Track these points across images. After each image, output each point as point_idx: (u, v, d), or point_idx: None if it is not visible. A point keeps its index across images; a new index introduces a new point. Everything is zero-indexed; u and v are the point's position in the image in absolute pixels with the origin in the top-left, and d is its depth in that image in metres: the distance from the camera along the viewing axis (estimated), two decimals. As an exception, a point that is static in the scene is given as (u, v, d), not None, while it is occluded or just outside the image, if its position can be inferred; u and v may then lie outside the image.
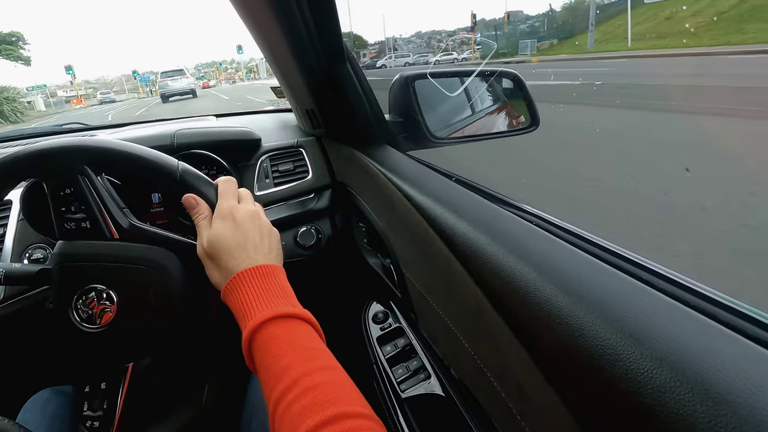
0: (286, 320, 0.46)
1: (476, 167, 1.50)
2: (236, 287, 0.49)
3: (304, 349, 0.44)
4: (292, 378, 0.40)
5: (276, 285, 0.50)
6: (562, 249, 0.43)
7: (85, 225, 0.60)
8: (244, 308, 0.47)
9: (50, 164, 0.56)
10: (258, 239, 0.54)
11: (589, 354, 0.31)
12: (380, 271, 0.86)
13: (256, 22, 0.72)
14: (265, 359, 0.43)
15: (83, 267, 0.56)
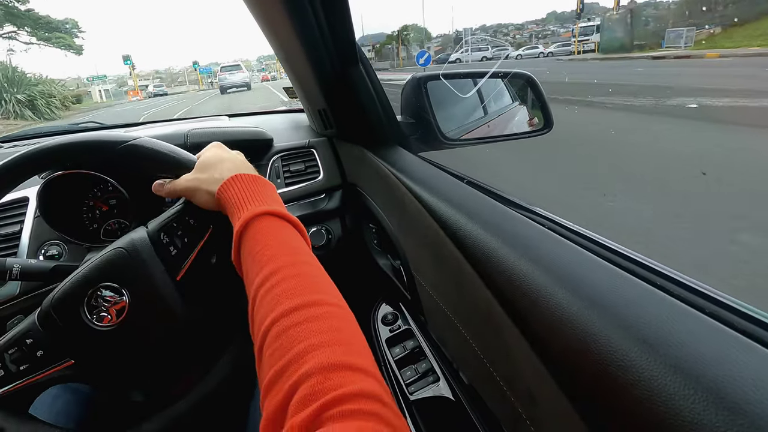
0: (278, 219, 0.48)
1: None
2: (233, 185, 0.51)
3: (290, 245, 0.45)
4: (276, 265, 0.41)
5: (271, 191, 0.52)
6: (574, 252, 0.42)
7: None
8: (240, 202, 0.49)
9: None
10: (247, 164, 0.57)
11: (601, 359, 0.30)
12: (390, 273, 0.86)
13: (270, 23, 0.72)
14: (254, 248, 0.44)
15: (95, 266, 0.57)
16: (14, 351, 0.54)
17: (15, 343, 0.54)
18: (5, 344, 0.55)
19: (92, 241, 0.87)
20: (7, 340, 0.55)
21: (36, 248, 0.85)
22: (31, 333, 0.55)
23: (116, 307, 0.55)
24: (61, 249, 0.86)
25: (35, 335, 0.55)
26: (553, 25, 61.31)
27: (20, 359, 0.54)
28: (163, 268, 0.57)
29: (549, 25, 61.41)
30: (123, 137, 0.57)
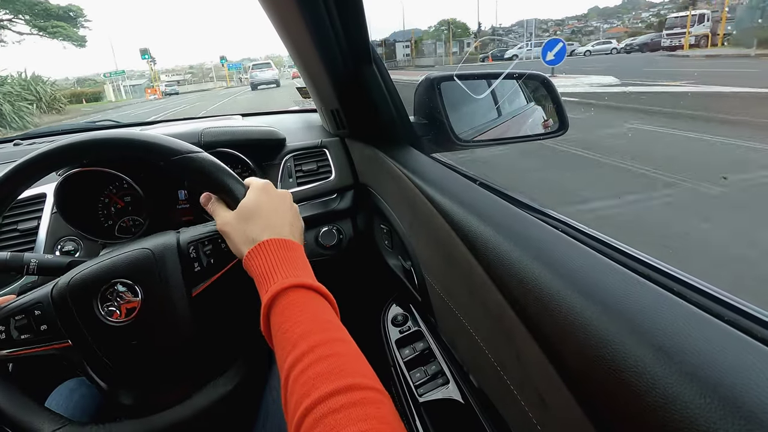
0: (307, 291, 0.47)
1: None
2: (261, 253, 0.50)
3: (322, 320, 0.44)
4: (309, 345, 0.41)
5: (300, 258, 0.51)
6: (588, 256, 0.42)
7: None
8: (268, 273, 0.48)
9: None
10: (289, 216, 0.56)
11: (615, 365, 0.30)
12: (400, 274, 0.85)
13: (284, 22, 0.73)
14: (284, 324, 0.44)
15: (108, 263, 0.58)
16: (21, 318, 0.55)
17: (24, 311, 0.56)
18: (16, 308, 0.56)
19: (107, 238, 0.89)
20: (18, 304, 0.56)
21: (53, 243, 0.87)
22: (40, 305, 0.56)
23: (128, 306, 0.56)
24: (76, 245, 0.88)
25: (44, 308, 0.56)
26: (596, 21, 58.94)
27: (24, 328, 0.55)
28: (182, 280, 0.58)
29: (591, 21, 59.23)
30: (183, 147, 0.57)
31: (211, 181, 0.56)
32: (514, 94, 1.22)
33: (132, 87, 36.12)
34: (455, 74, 0.91)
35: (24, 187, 0.56)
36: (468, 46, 29.69)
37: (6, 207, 0.56)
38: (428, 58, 37.35)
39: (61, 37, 22.50)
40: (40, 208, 0.89)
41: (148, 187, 0.89)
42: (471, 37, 43.86)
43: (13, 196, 0.56)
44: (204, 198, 0.59)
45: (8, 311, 0.55)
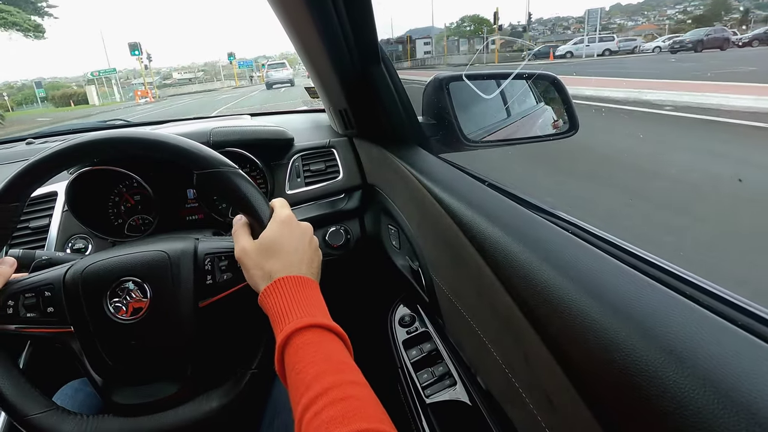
0: (322, 331, 0.47)
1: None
2: (278, 291, 0.50)
3: (336, 361, 0.44)
4: (323, 387, 0.41)
5: (315, 297, 0.51)
6: (597, 258, 0.41)
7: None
8: (283, 312, 0.48)
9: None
10: (308, 252, 0.56)
11: (625, 369, 0.29)
12: (408, 274, 0.85)
13: (292, 22, 0.73)
14: (297, 364, 0.44)
15: (114, 260, 0.58)
16: (31, 296, 0.56)
17: (34, 290, 0.56)
18: (27, 285, 0.57)
19: (117, 236, 0.90)
20: (30, 282, 0.57)
21: (64, 241, 0.88)
22: (51, 287, 0.57)
23: (135, 305, 0.57)
24: (87, 243, 0.89)
25: (54, 291, 0.57)
26: (619, 18, 57.12)
27: (32, 306, 0.56)
28: (193, 289, 0.58)
29: (615, 18, 57.48)
30: (216, 159, 0.56)
31: (238, 199, 0.56)
32: (523, 95, 1.22)
33: (128, 87, 33.70)
34: (464, 74, 0.91)
35: (53, 174, 0.57)
36: (492, 44, 27.96)
37: (29, 194, 0.57)
38: (460, 56, 33.98)
39: (7, 25, 17.33)
40: (51, 206, 0.91)
41: (158, 186, 0.89)
42: (496, 34, 40.08)
43: (43, 181, 0.57)
44: (238, 219, 0.59)
45: (20, 287, 0.56)
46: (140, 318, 0.57)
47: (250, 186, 0.57)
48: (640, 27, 39.17)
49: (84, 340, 0.57)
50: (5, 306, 0.55)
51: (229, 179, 0.56)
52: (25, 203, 0.56)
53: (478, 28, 44.75)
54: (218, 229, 0.82)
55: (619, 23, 52.93)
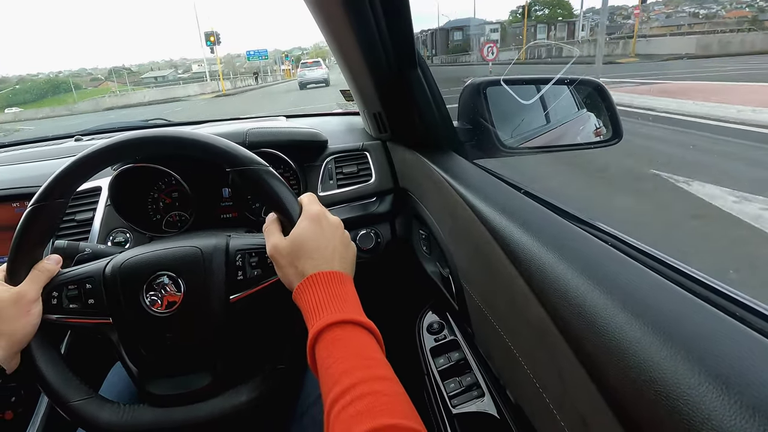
0: (353, 326, 0.47)
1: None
2: (310, 287, 0.50)
3: (365, 357, 0.44)
4: (350, 382, 0.41)
5: (348, 292, 0.51)
6: (640, 274, 0.39)
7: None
8: (316, 308, 0.49)
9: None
10: (339, 248, 0.56)
11: (666, 391, 0.28)
12: (438, 281, 0.84)
13: (329, 25, 0.74)
14: (327, 360, 0.44)
15: (152, 255, 0.61)
16: (74, 288, 0.59)
17: (77, 282, 0.59)
18: (71, 278, 0.60)
19: (155, 231, 0.94)
20: (74, 275, 0.60)
21: (105, 234, 0.93)
22: (92, 279, 0.59)
23: (170, 298, 0.59)
24: (127, 236, 0.93)
25: (94, 283, 0.59)
26: (687, 6, 50.69)
27: (74, 298, 0.59)
28: (224, 284, 0.60)
29: (683, 6, 51.54)
30: (248, 157, 0.58)
31: (268, 196, 0.57)
32: (564, 101, 1.18)
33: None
34: (502, 78, 0.89)
35: (96, 172, 0.60)
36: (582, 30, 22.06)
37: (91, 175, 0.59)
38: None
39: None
40: (95, 201, 0.96)
41: (195, 184, 0.93)
42: (574, 18, 32.15)
43: (86, 178, 0.59)
44: (270, 217, 0.60)
45: (64, 279, 0.60)
46: (174, 311, 0.59)
47: (281, 184, 0.58)
48: (732, 13, 33.57)
49: (121, 331, 0.60)
50: (50, 297, 0.58)
51: (259, 177, 0.57)
52: (69, 199, 0.59)
53: (554, 13, 38.80)
54: (251, 228, 0.84)
55: (689, 11, 47.11)
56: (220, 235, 0.64)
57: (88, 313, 0.59)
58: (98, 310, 0.59)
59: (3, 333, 0.53)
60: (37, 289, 0.57)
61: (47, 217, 0.57)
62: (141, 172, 0.91)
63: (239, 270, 0.60)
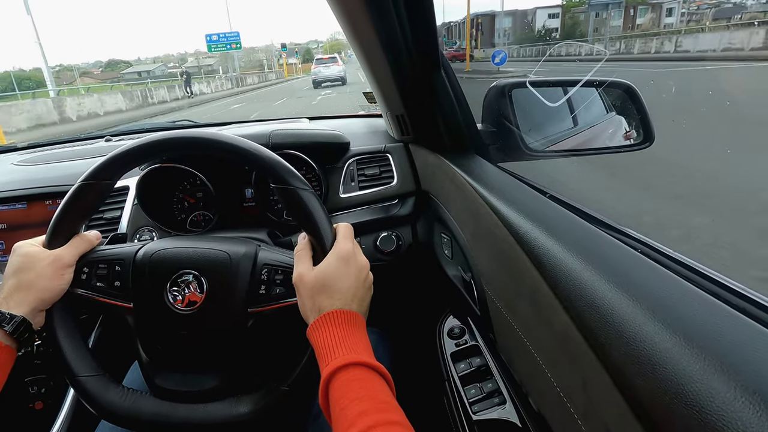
0: (367, 369, 0.47)
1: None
2: (325, 325, 0.51)
3: (380, 400, 0.44)
4: (366, 425, 0.41)
5: (361, 335, 0.52)
6: (671, 282, 0.38)
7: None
8: (331, 346, 0.49)
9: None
10: (361, 291, 0.56)
11: (698, 405, 0.26)
12: (460, 285, 0.83)
13: (353, 26, 0.74)
14: (341, 400, 0.44)
15: (175, 252, 0.62)
16: (104, 267, 0.61)
17: (107, 262, 0.61)
18: (102, 256, 0.62)
19: (179, 230, 0.96)
20: (106, 254, 0.62)
21: (132, 232, 0.96)
22: (122, 263, 0.61)
23: (191, 297, 0.60)
24: (152, 235, 0.96)
25: (123, 266, 0.61)
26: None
27: (102, 277, 0.61)
28: (245, 293, 0.60)
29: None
30: (293, 178, 0.59)
31: (306, 221, 0.58)
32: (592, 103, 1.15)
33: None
34: (528, 80, 0.87)
35: (143, 162, 0.62)
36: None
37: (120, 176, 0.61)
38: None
39: None
40: (123, 200, 0.99)
41: (219, 184, 0.95)
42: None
43: (133, 166, 0.62)
44: (301, 236, 0.61)
45: (97, 257, 0.62)
46: (194, 311, 0.60)
47: (320, 208, 0.59)
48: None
49: (139, 319, 0.61)
50: (81, 271, 0.61)
51: (300, 198, 0.58)
52: (114, 184, 0.62)
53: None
54: (273, 229, 0.85)
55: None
56: (251, 243, 0.65)
57: (112, 294, 0.61)
58: (122, 294, 0.61)
59: (36, 287, 0.56)
60: (75, 255, 0.60)
61: (93, 194, 0.60)
62: (167, 172, 0.93)
63: (263, 284, 0.61)
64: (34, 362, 0.96)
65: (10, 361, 0.53)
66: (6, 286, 0.55)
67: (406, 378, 0.80)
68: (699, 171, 2.70)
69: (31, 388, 0.97)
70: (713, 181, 2.59)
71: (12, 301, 0.54)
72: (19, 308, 0.54)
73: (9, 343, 0.53)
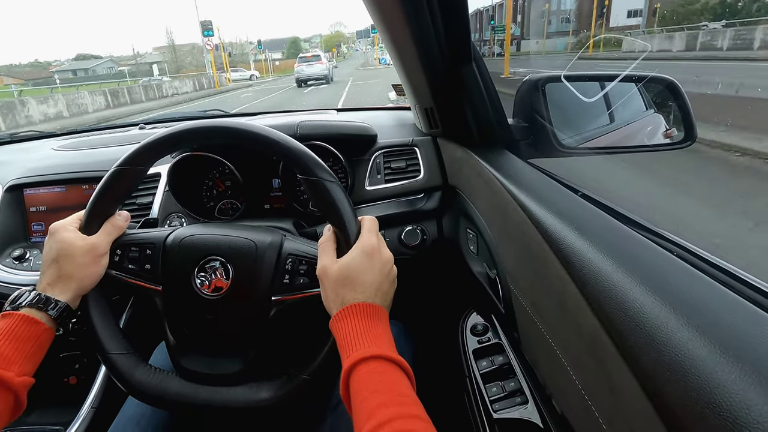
0: (389, 363, 0.48)
1: None
2: (348, 317, 0.51)
3: (400, 393, 0.45)
4: (385, 417, 0.41)
5: (384, 328, 0.52)
6: (708, 287, 0.36)
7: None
8: (352, 339, 0.49)
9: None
10: (384, 285, 0.56)
11: (732, 416, 0.25)
12: (484, 282, 0.82)
13: (384, 18, 0.74)
14: (362, 392, 0.45)
15: (204, 239, 0.64)
16: (135, 250, 0.64)
17: (139, 245, 0.64)
18: (135, 239, 0.64)
19: (208, 218, 0.99)
20: (138, 237, 0.65)
21: (163, 218, 1.00)
22: (153, 246, 0.64)
23: (217, 283, 0.62)
24: (182, 221, 0.99)
25: (154, 250, 0.64)
26: None
27: (133, 259, 0.64)
28: (270, 282, 0.62)
29: None
30: (320, 170, 0.59)
31: (331, 212, 0.59)
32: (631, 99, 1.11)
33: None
34: (563, 75, 0.85)
35: (176, 150, 0.64)
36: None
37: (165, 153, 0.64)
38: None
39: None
40: (155, 186, 1.03)
41: (247, 173, 0.97)
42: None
43: (165, 153, 0.64)
44: (326, 228, 0.61)
45: (130, 240, 0.64)
46: (219, 296, 0.62)
47: (345, 201, 0.59)
48: None
49: (167, 302, 0.64)
50: (114, 254, 0.63)
51: (326, 189, 0.59)
52: (147, 170, 0.64)
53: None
54: (298, 219, 0.86)
55: None
56: (276, 233, 0.66)
57: (142, 276, 0.63)
58: (152, 277, 0.63)
59: (76, 277, 0.59)
60: (108, 242, 0.63)
61: (127, 179, 0.62)
62: (197, 160, 0.96)
63: (287, 273, 0.62)
64: (69, 339, 1.02)
65: (50, 340, 0.56)
66: (48, 273, 0.58)
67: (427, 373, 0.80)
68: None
69: (66, 364, 1.03)
70: None
71: (57, 289, 0.57)
72: (63, 295, 0.57)
73: (51, 326, 0.56)
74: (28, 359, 0.53)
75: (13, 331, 0.52)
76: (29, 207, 1.08)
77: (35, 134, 1.49)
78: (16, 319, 0.53)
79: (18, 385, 0.50)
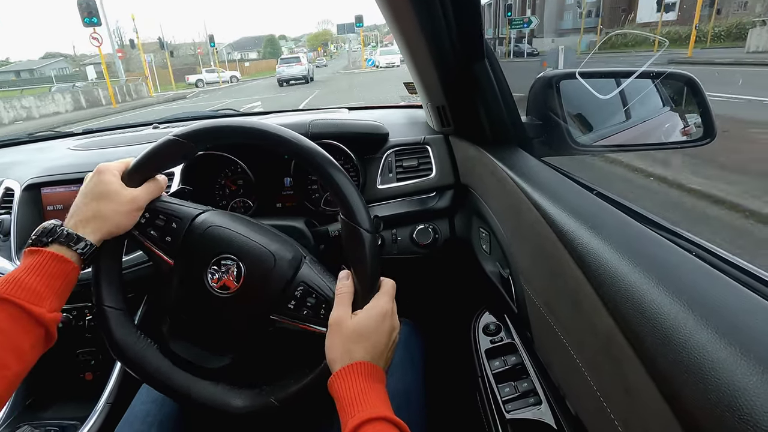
0: (389, 425, 0.48)
1: None
2: (356, 375, 0.52)
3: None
4: None
5: (383, 389, 0.53)
6: (728, 288, 0.35)
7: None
8: (360, 398, 0.50)
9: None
10: (387, 348, 0.57)
11: (753, 421, 0.25)
12: (497, 281, 0.82)
13: (394, 15, 0.74)
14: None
15: (221, 235, 0.64)
16: (162, 219, 0.64)
17: (168, 215, 0.64)
18: (165, 209, 0.65)
19: None
20: (169, 207, 0.65)
21: None
22: (179, 221, 0.64)
23: (226, 282, 0.62)
24: None
25: (179, 224, 0.64)
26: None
27: (158, 227, 0.64)
28: (276, 297, 0.61)
29: None
30: (361, 219, 0.59)
31: (360, 265, 0.58)
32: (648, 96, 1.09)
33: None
34: (578, 71, 0.84)
35: (212, 144, 0.65)
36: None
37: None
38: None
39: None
40: (169, 184, 1.04)
41: (259, 173, 0.97)
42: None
43: (205, 144, 0.65)
44: (344, 274, 0.61)
45: (160, 207, 0.65)
46: (225, 295, 0.62)
47: (376, 257, 0.59)
48: None
49: (174, 279, 0.64)
50: (143, 215, 0.63)
51: (362, 241, 0.58)
52: (196, 152, 0.65)
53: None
54: (310, 218, 0.87)
55: None
56: (298, 251, 0.65)
57: (160, 246, 0.64)
58: (169, 249, 0.64)
59: (111, 221, 0.59)
60: (147, 199, 0.63)
61: (177, 150, 0.63)
62: (210, 159, 0.97)
63: (293, 299, 0.61)
64: (86, 336, 1.04)
65: (76, 279, 0.57)
66: (83, 210, 0.59)
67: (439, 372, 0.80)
68: None
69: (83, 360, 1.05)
70: None
71: (89, 228, 0.58)
72: (93, 235, 0.58)
73: (79, 264, 0.56)
74: (57, 296, 0.54)
75: (43, 267, 0.53)
76: (46, 205, 1.10)
77: (52, 134, 1.52)
78: (45, 256, 0.54)
79: (49, 321, 0.51)
